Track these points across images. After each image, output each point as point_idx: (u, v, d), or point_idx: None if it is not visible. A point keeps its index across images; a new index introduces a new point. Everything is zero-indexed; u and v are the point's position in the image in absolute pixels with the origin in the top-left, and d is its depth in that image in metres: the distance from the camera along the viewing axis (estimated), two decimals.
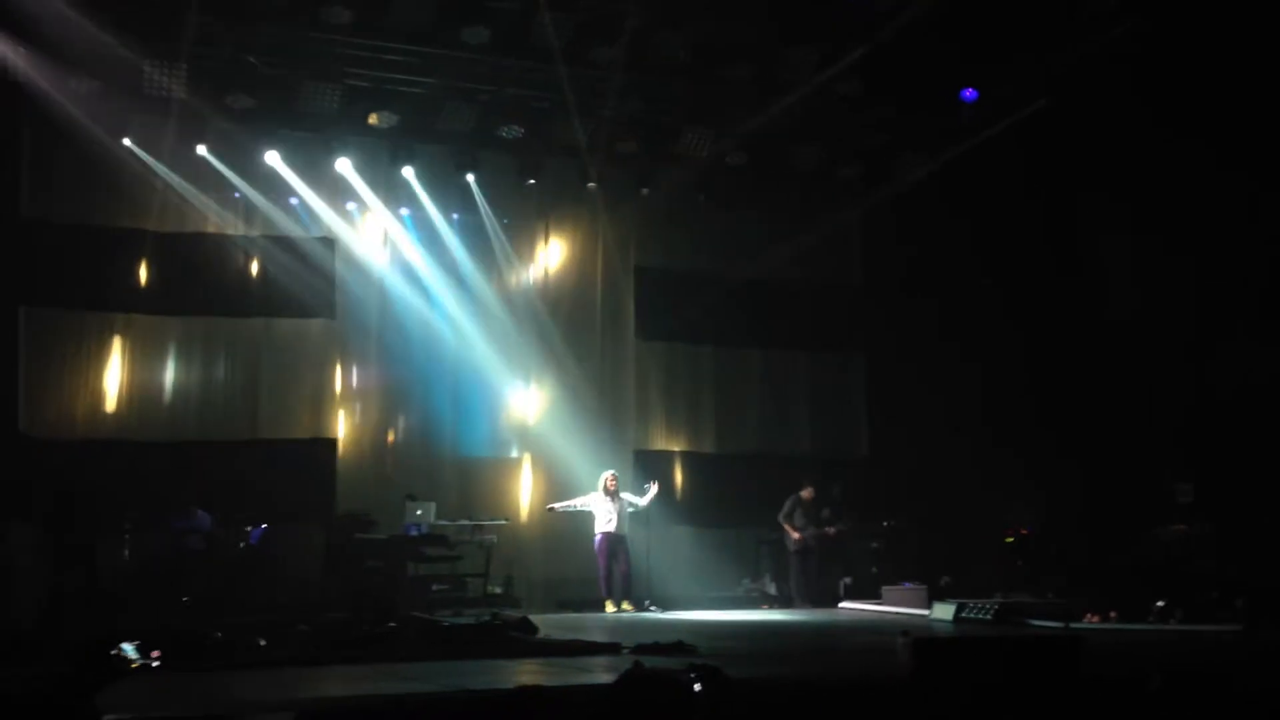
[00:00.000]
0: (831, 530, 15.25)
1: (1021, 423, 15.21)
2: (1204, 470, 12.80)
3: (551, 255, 16.54)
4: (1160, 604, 11.47)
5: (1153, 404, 13.77)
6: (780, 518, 15.35)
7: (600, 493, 14.23)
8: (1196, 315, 13.79)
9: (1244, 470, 12.47)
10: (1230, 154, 12.73)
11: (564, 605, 14.32)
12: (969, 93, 14.91)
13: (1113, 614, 11.53)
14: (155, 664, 6.66)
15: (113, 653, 6.25)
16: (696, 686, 4.67)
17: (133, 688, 6.27)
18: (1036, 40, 13.86)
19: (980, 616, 11.94)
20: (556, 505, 14.59)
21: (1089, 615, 11.59)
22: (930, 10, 12.74)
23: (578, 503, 14.40)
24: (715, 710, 4.58)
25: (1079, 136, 14.32)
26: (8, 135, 13.69)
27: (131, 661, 6.61)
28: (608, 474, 14.31)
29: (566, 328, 16.38)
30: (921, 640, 6.24)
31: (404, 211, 15.79)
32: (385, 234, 15.79)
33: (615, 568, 14.07)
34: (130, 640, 6.64)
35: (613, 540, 14.04)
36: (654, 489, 14.42)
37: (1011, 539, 14.41)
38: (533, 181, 15.77)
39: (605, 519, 14.08)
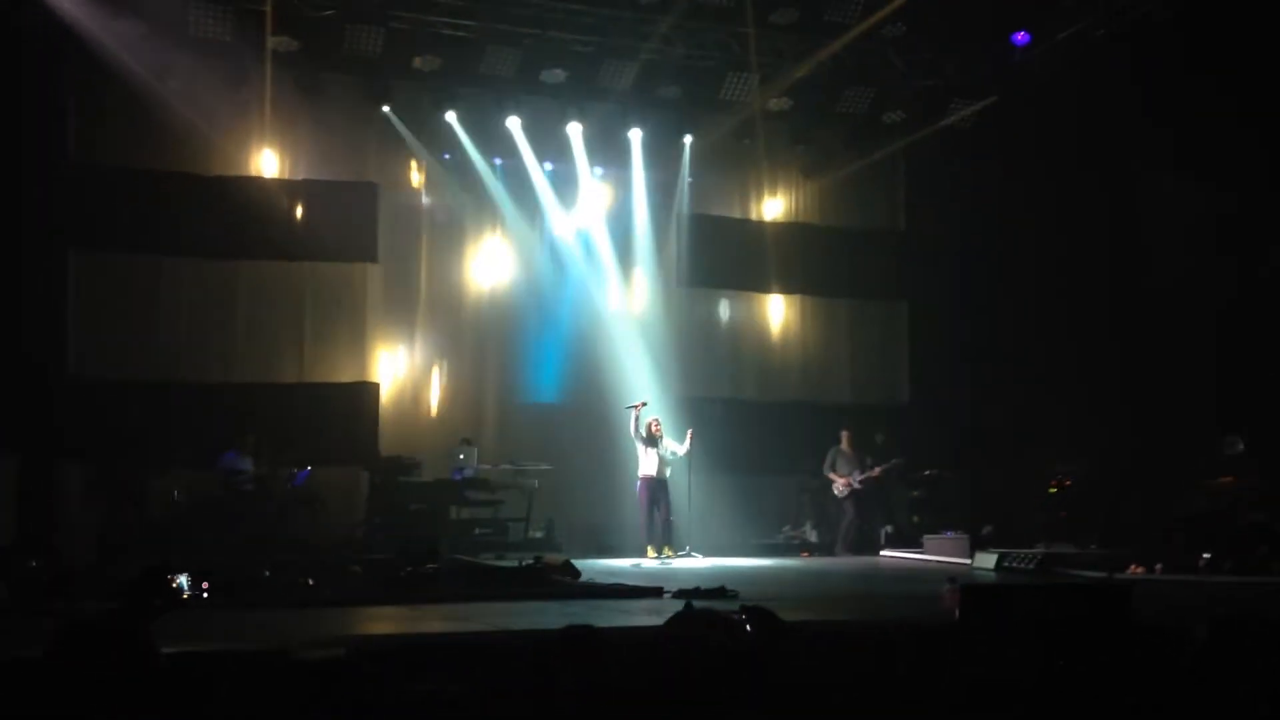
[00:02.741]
0: (876, 470, 15.18)
1: (1066, 371, 15.05)
2: (1254, 421, 12.61)
3: (594, 201, 16.44)
4: (1207, 556, 11.34)
5: (1202, 354, 13.55)
6: (825, 471, 15.34)
7: (646, 437, 14.16)
8: (1249, 263, 13.54)
9: None
10: None
11: (605, 550, 14.37)
12: (1021, 36, 14.62)
13: (1158, 566, 11.39)
14: (205, 594, 6.77)
15: (166, 582, 6.33)
16: (748, 627, 4.68)
17: (186, 620, 6.36)
18: None
19: (1022, 566, 11.89)
20: (633, 404, 13.91)
21: (1134, 567, 11.43)
22: None
23: (637, 428, 13.87)
24: (766, 651, 4.58)
25: (1134, 81, 14.00)
26: (56, 79, 13.73)
27: (184, 592, 6.72)
28: (652, 419, 14.23)
29: (608, 273, 16.33)
30: (970, 586, 6.22)
31: (446, 156, 15.73)
32: (427, 178, 15.76)
33: (656, 513, 14.06)
34: (182, 572, 6.75)
35: (654, 486, 14.01)
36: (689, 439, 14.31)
37: (1055, 489, 14.29)
38: (575, 125, 15.69)
39: (648, 464, 14.03)
